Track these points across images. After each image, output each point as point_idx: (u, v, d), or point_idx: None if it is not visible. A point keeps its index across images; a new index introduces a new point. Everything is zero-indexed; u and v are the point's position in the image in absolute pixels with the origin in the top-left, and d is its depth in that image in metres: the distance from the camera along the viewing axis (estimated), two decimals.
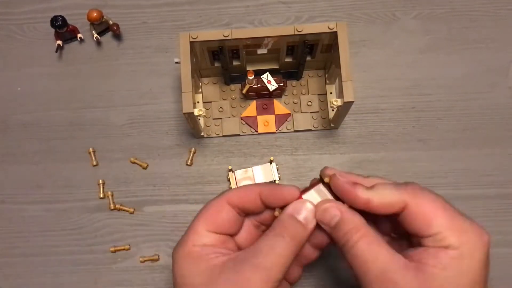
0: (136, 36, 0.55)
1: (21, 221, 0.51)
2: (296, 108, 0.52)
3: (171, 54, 0.55)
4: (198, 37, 0.43)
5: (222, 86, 0.53)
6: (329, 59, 0.50)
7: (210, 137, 0.52)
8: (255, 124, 0.52)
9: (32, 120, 0.53)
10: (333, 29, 0.43)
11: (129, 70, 0.54)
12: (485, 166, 0.51)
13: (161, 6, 0.56)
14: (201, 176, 0.51)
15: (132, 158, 0.51)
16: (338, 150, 0.52)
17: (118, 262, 0.49)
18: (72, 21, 0.54)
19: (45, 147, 0.52)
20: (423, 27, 0.55)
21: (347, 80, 0.42)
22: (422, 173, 0.50)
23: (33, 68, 0.55)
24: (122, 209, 0.50)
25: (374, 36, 0.55)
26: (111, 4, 0.56)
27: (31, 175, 0.52)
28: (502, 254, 0.48)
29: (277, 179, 0.50)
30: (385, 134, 0.52)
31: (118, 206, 0.50)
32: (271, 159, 0.50)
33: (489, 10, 0.55)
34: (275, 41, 0.45)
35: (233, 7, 0.56)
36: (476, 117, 0.52)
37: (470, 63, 0.54)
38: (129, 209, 0.50)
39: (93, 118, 0.53)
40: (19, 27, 0.56)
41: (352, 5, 0.56)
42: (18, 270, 0.49)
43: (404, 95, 0.53)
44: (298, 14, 0.56)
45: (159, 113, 0.53)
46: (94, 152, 0.52)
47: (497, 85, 0.53)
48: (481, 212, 0.49)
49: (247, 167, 0.50)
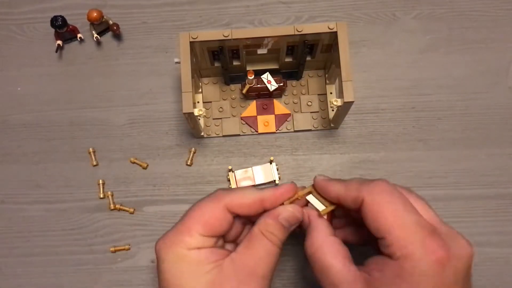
0: (136, 36, 0.55)
1: (21, 221, 0.51)
2: (296, 108, 0.52)
3: (171, 54, 0.55)
4: (198, 37, 0.43)
5: (222, 86, 0.53)
6: (329, 59, 0.50)
7: (210, 137, 0.52)
8: (255, 124, 0.52)
9: (32, 120, 0.53)
10: (333, 29, 0.43)
11: (129, 70, 0.54)
12: (485, 166, 0.51)
13: (161, 6, 0.56)
14: (201, 176, 0.51)
15: (132, 158, 0.51)
16: (338, 150, 0.52)
17: (118, 262, 0.49)
18: (72, 21, 0.54)
19: (45, 147, 0.52)
20: (423, 27, 0.55)
21: (347, 80, 0.42)
22: (422, 173, 0.50)
23: (33, 68, 0.55)
24: (122, 209, 0.50)
25: (374, 36, 0.55)
26: (111, 4, 0.56)
27: (31, 175, 0.52)
28: (502, 254, 0.48)
29: (277, 179, 0.50)
30: (385, 134, 0.52)
31: (118, 206, 0.50)
32: (271, 159, 0.50)
33: (489, 10, 0.55)
34: (275, 41, 0.45)
35: (233, 7, 0.56)
36: (476, 117, 0.52)
37: (470, 63, 0.54)
38: (129, 209, 0.50)
39: (93, 118, 0.53)
40: (19, 27, 0.56)
41: (352, 5, 0.56)
42: (18, 270, 0.49)
43: (404, 95, 0.53)
44: (298, 14, 0.56)
45: (159, 113, 0.53)
46: (94, 152, 0.52)
47: (497, 85, 0.53)
48: (481, 212, 0.49)
49: (247, 167, 0.50)
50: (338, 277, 0.31)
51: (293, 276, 0.48)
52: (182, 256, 0.33)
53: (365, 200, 0.31)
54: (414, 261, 0.28)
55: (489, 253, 0.48)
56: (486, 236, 0.48)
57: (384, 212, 0.30)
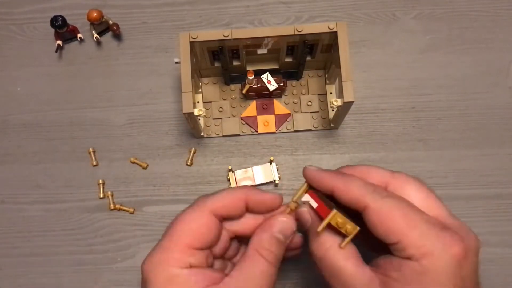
0: (136, 36, 0.55)
1: (21, 221, 0.51)
2: (296, 108, 0.52)
3: (171, 54, 0.55)
4: (198, 37, 0.43)
5: (222, 86, 0.53)
6: (329, 59, 0.50)
7: (210, 137, 0.52)
8: (255, 124, 0.52)
9: (32, 120, 0.53)
10: (333, 29, 0.43)
11: (129, 70, 0.54)
12: (485, 166, 0.51)
13: (161, 6, 0.56)
14: (201, 176, 0.51)
15: (132, 158, 0.51)
16: (338, 150, 0.52)
17: (118, 262, 0.49)
18: (72, 21, 0.54)
19: (45, 147, 0.52)
20: (423, 27, 0.55)
21: (347, 80, 0.42)
22: (422, 173, 0.50)
23: (33, 68, 0.55)
24: (122, 209, 0.50)
25: (374, 36, 0.55)
26: (111, 4, 0.56)
27: (31, 175, 0.52)
28: (502, 254, 0.48)
29: (277, 179, 0.50)
30: (385, 134, 0.52)
31: (118, 206, 0.50)
32: (271, 159, 0.50)
33: (489, 10, 0.55)
34: (275, 41, 0.45)
35: (233, 7, 0.56)
36: (476, 117, 0.52)
37: (470, 63, 0.54)
38: (129, 209, 0.50)
39: (93, 118, 0.53)
40: (19, 27, 0.56)
41: (352, 5, 0.56)
42: (18, 270, 0.49)
43: (404, 95, 0.53)
44: (298, 14, 0.56)
45: (159, 113, 0.53)
46: (94, 152, 0.52)
47: (497, 85, 0.53)
48: (481, 212, 0.49)
49: (247, 167, 0.50)
50: (352, 279, 0.30)
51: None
52: (173, 276, 0.30)
53: (370, 207, 0.30)
54: (435, 258, 0.28)
55: (489, 253, 0.48)
56: (486, 236, 0.48)
57: (394, 218, 0.29)
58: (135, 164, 0.51)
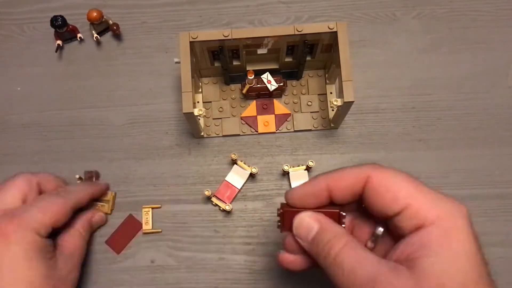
0: (136, 36, 0.55)
1: None
2: (296, 108, 0.52)
3: (171, 54, 0.55)
4: (198, 37, 0.43)
5: (222, 86, 0.53)
6: (329, 59, 0.50)
7: (210, 137, 0.52)
8: (255, 124, 0.52)
9: (32, 120, 0.53)
10: (333, 29, 0.43)
11: (129, 70, 0.54)
12: (485, 166, 0.51)
13: (161, 6, 0.56)
14: (201, 176, 0.51)
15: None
16: (338, 150, 0.52)
17: (118, 262, 0.49)
18: (72, 21, 0.54)
19: (45, 147, 0.52)
20: (423, 27, 0.55)
21: (347, 80, 0.42)
22: (422, 173, 0.50)
23: (33, 68, 0.55)
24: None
25: (374, 36, 0.55)
26: (111, 4, 0.56)
27: None
28: (503, 254, 0.48)
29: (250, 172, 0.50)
30: (385, 134, 0.52)
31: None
32: (234, 158, 0.50)
33: (489, 10, 0.55)
34: (275, 41, 0.45)
35: (233, 7, 0.56)
36: (476, 117, 0.52)
37: (470, 63, 0.54)
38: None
39: (93, 118, 0.53)
40: (19, 27, 0.56)
41: (352, 5, 0.56)
42: None
43: (404, 95, 0.53)
44: (298, 14, 0.56)
45: (159, 113, 0.53)
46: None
47: (497, 85, 0.53)
48: (481, 212, 0.49)
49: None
50: (377, 270, 0.28)
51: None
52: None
53: (373, 176, 0.29)
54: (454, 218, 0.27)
55: (489, 253, 0.47)
56: (486, 236, 0.48)
57: (400, 183, 0.29)
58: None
